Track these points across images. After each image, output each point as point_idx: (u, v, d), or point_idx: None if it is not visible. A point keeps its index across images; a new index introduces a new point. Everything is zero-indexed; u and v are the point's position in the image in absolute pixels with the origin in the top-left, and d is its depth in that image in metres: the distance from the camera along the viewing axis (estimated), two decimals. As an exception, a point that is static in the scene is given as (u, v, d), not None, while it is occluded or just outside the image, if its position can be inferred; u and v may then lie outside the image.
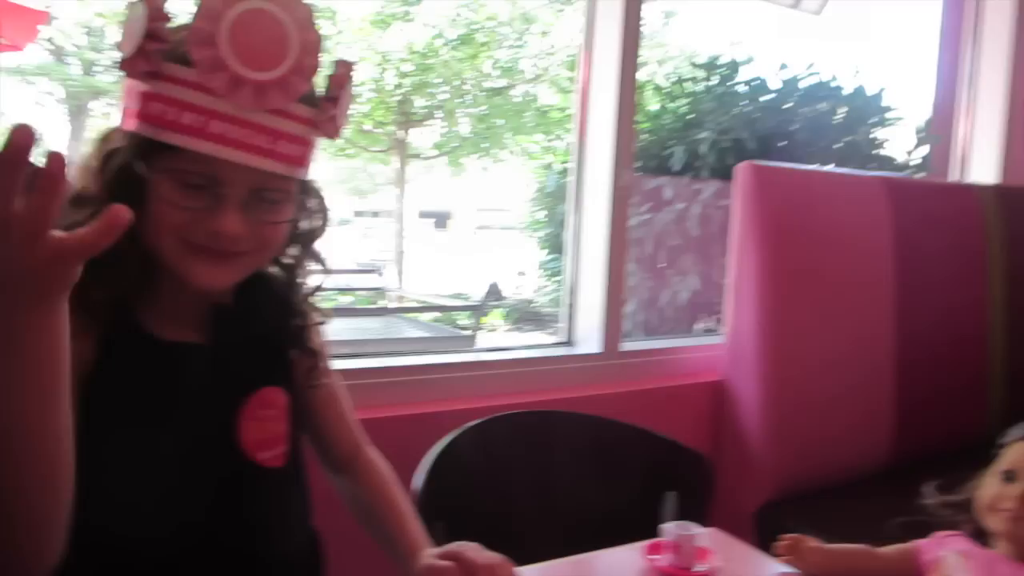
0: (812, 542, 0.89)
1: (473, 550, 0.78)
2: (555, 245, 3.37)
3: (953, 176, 2.75)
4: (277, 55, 0.62)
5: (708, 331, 2.73)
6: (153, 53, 0.61)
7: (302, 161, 0.71)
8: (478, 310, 3.32)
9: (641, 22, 1.74)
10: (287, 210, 0.73)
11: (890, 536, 0.93)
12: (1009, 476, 0.85)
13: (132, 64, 0.62)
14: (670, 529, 0.86)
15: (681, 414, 1.70)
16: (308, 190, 0.79)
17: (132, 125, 0.65)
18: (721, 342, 1.79)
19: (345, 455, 0.93)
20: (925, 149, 2.97)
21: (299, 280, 0.82)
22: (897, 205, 1.90)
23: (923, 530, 0.92)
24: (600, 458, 1.22)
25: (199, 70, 0.61)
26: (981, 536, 0.87)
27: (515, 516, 0.89)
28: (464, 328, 3.61)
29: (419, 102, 5.81)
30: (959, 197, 2.21)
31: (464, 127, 5.90)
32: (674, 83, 3.14)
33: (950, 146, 2.78)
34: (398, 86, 5.46)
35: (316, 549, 0.88)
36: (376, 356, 1.43)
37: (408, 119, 5.81)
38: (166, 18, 0.62)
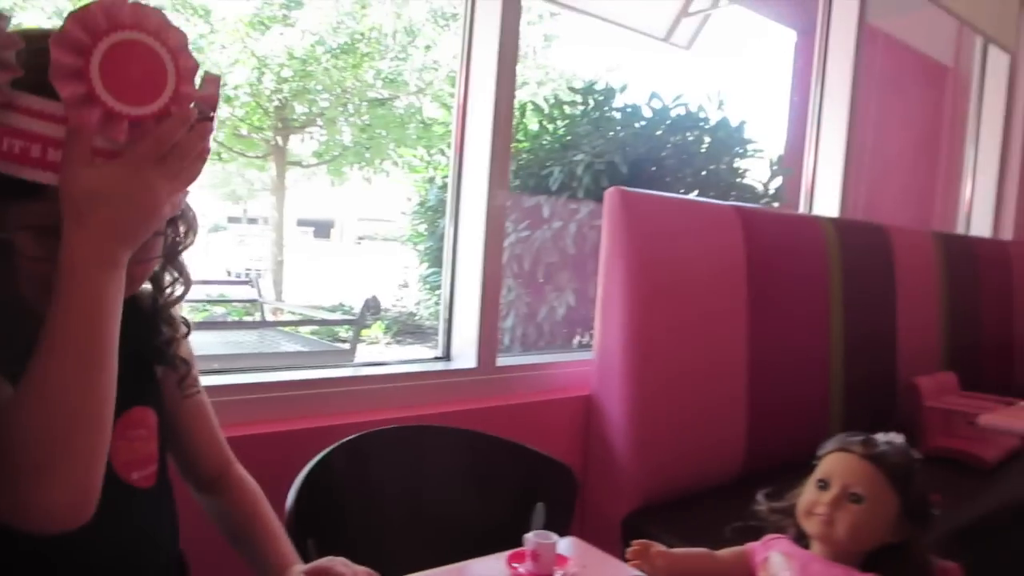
0: (658, 547, 0.97)
1: (342, 564, 0.80)
2: (436, 259, 3.39)
3: (803, 207, 3.00)
4: (155, 88, 0.60)
5: (584, 346, 2.84)
6: (3, 84, 0.57)
7: None
8: (357, 324, 3.29)
9: (521, 43, 1.80)
10: (158, 244, 0.72)
11: (731, 540, 1.03)
12: (823, 484, 0.96)
13: None
14: (530, 538, 0.91)
15: (553, 427, 1.77)
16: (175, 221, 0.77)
17: None
18: (590, 358, 1.88)
19: (213, 472, 0.92)
20: (779, 180, 3.24)
21: (165, 292, 0.81)
22: (749, 232, 2.07)
23: (756, 534, 1.02)
24: (473, 472, 1.26)
25: (67, 105, 0.57)
26: (802, 538, 0.98)
27: (388, 532, 0.91)
28: (344, 341, 3.57)
29: (299, 109, 5.68)
30: (804, 227, 2.42)
31: (346, 136, 5.83)
32: (553, 105, 3.24)
33: (800, 179, 3.04)
34: (276, 91, 5.33)
35: (182, 570, 0.87)
36: (250, 371, 1.41)
37: (287, 125, 5.68)
38: (15, 43, 0.57)
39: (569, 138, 3.15)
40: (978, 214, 3.97)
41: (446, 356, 1.78)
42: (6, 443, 0.57)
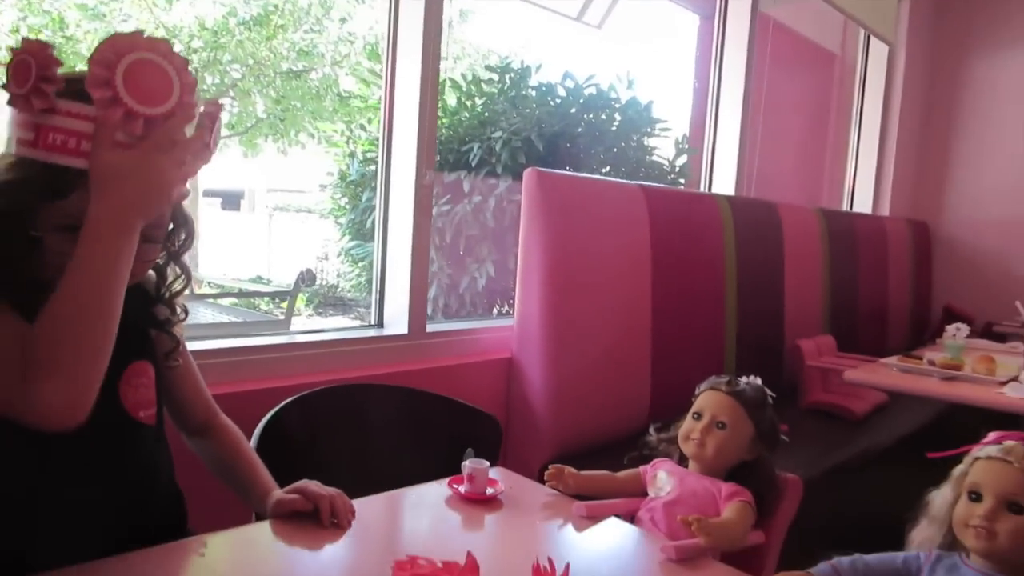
0: (570, 470, 1.17)
1: (315, 485, 0.97)
2: (358, 232, 3.46)
3: (703, 184, 3.24)
4: (164, 95, 0.75)
5: (504, 315, 3.00)
6: (49, 92, 0.72)
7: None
8: (291, 295, 3.35)
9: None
10: (155, 251, 0.88)
11: (628, 466, 1.25)
12: (697, 416, 1.19)
13: (26, 101, 0.73)
14: (467, 464, 1.08)
15: (479, 387, 1.94)
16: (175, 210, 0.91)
17: (26, 151, 0.75)
18: (512, 324, 2.05)
19: (200, 420, 1.07)
20: (684, 159, 3.45)
21: (168, 284, 0.96)
22: (653, 209, 2.27)
23: (648, 460, 1.24)
24: (409, 424, 1.41)
25: (97, 105, 0.73)
26: (683, 460, 1.22)
27: (336, 478, 1.04)
28: (265, 313, 3.62)
29: (210, 80, 5.55)
30: (703, 204, 2.66)
31: (259, 108, 5.74)
32: (471, 82, 3.34)
33: (702, 158, 3.27)
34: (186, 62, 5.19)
35: (180, 503, 1.01)
36: (194, 340, 1.50)
37: (198, 97, 5.53)
38: (58, 63, 0.73)
39: (487, 115, 3.26)
40: (860, 192, 4.34)
41: (379, 323, 1.91)
42: (28, 344, 0.72)
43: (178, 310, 0.98)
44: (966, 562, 0.90)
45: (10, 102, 0.74)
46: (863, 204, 4.30)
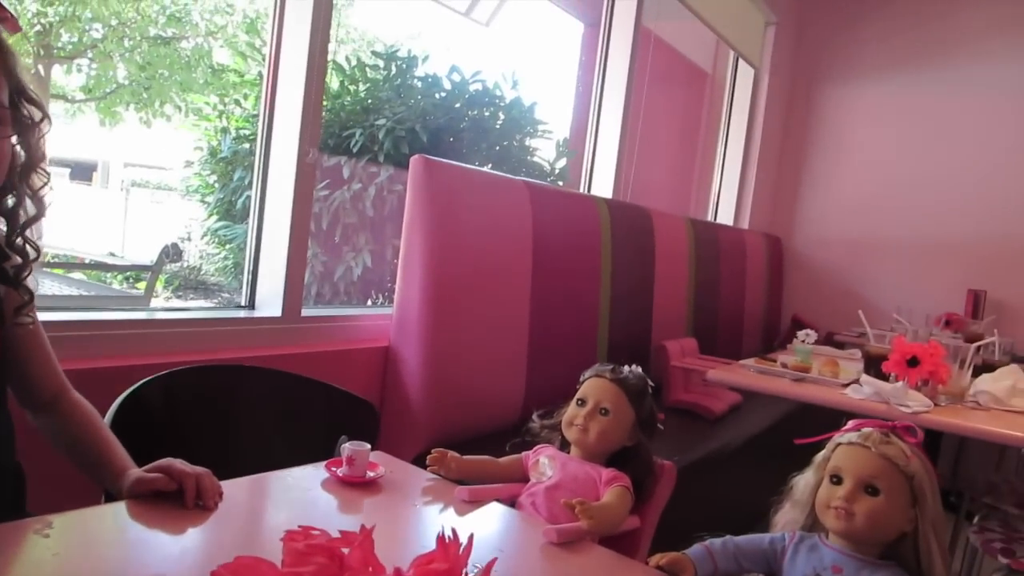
0: (453, 454, 1.17)
1: (180, 463, 0.88)
2: (226, 212, 3.27)
3: (583, 186, 3.32)
4: None
5: (379, 306, 2.94)
6: None
7: None
8: (154, 270, 3.12)
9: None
10: (5, 127, 0.78)
11: (509, 453, 1.24)
12: (581, 402, 1.21)
13: None
14: (346, 447, 1.04)
15: (354, 375, 1.88)
16: (25, 125, 0.81)
17: None
18: (390, 312, 2.00)
19: (50, 395, 0.96)
20: (564, 161, 3.53)
21: (17, 216, 0.84)
22: (536, 206, 2.30)
23: (530, 446, 1.25)
24: (281, 408, 1.34)
25: None
26: (565, 446, 1.23)
27: (199, 463, 0.98)
28: (121, 290, 3.35)
29: (66, 37, 5.09)
30: (583, 204, 2.72)
31: (121, 73, 5.32)
32: (355, 67, 3.25)
33: (582, 162, 3.35)
34: (40, 14, 4.74)
35: (19, 481, 0.89)
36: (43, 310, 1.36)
37: (49, 54, 5.06)
38: None
39: (371, 102, 3.19)
40: (723, 205, 4.60)
41: (250, 305, 1.81)
42: None
43: (27, 250, 0.87)
44: (825, 542, 0.96)
45: None
46: (726, 216, 4.55)
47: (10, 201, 0.84)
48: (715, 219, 4.56)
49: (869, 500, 0.91)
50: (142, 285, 3.40)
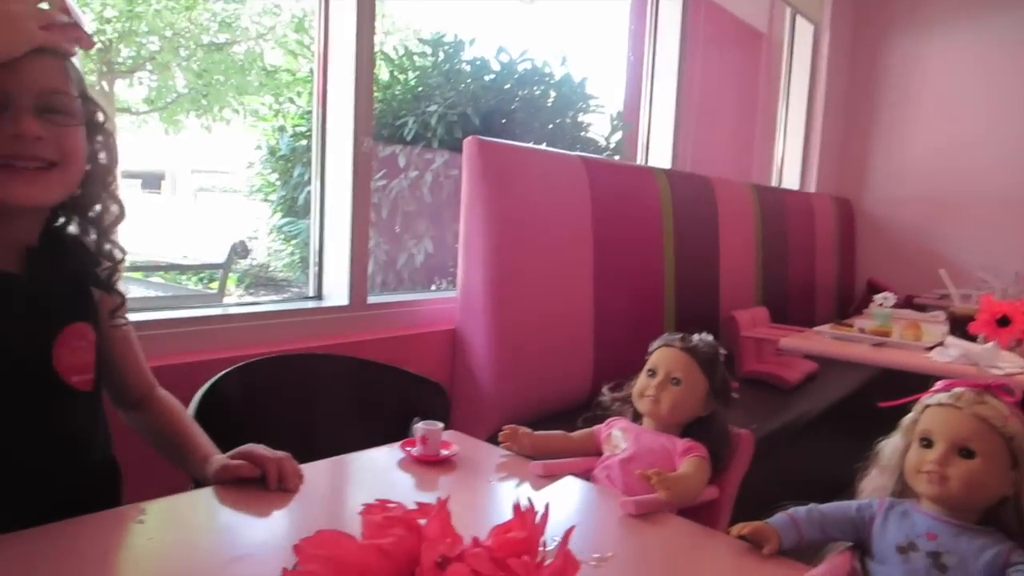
0: (525, 430, 1.16)
1: (262, 448, 0.92)
2: (289, 208, 3.34)
3: (640, 159, 3.27)
4: None
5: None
6: None
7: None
8: (224, 267, 3.22)
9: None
10: (77, 119, 0.82)
11: (582, 427, 1.24)
12: (651, 372, 1.19)
13: None
14: (419, 427, 1.05)
15: (422, 359, 1.90)
16: (95, 124, 0.86)
17: None
18: (454, 296, 2.01)
19: (140, 394, 1.01)
20: (619, 135, 3.47)
21: (104, 224, 0.90)
22: (594, 180, 2.27)
23: (601, 420, 1.23)
24: (355, 394, 1.36)
25: None
26: (637, 418, 1.21)
27: (279, 448, 1.00)
28: (196, 289, 3.48)
29: (125, 52, 5.27)
30: (641, 176, 2.68)
31: (180, 82, 5.47)
32: (403, 56, 3.27)
33: (637, 134, 3.29)
34: (98, 32, 4.91)
35: (116, 476, 0.95)
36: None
37: (112, 70, 5.25)
38: None
39: (421, 89, 3.19)
40: (788, 169, 4.46)
41: (318, 296, 1.84)
42: None
43: (115, 252, 0.92)
44: (918, 508, 0.91)
45: None
46: (791, 180, 4.42)
47: (97, 208, 0.89)
48: (780, 184, 4.43)
49: (964, 463, 0.86)
50: (215, 285, 3.50)
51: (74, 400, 0.85)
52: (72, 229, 0.90)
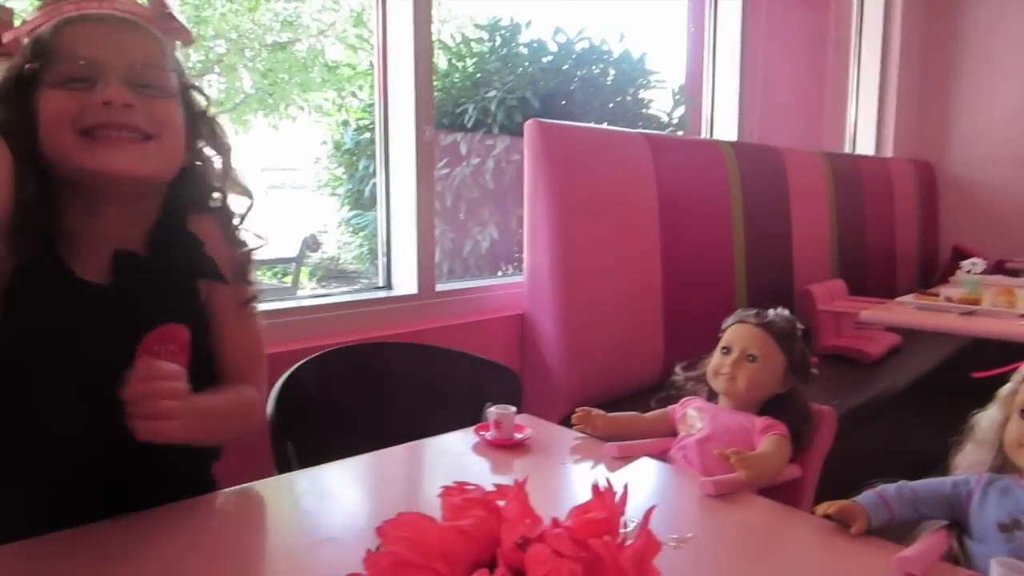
0: (598, 412, 1.15)
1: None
2: (356, 201, 3.41)
3: (705, 132, 3.19)
4: None
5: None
6: None
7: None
8: (297, 261, 3.32)
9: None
10: (171, 93, 0.83)
11: (655, 408, 1.22)
12: (726, 350, 1.16)
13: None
14: (493, 411, 1.05)
15: (492, 344, 1.91)
16: (199, 112, 0.88)
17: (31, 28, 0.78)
18: (521, 281, 2.01)
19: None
20: (681, 110, 3.40)
21: (234, 213, 0.90)
22: (657, 157, 2.22)
23: (676, 400, 1.21)
24: (427, 381, 1.38)
25: None
26: (713, 397, 1.18)
27: (356, 434, 1.02)
28: (270, 283, 3.60)
29: (194, 56, 5.44)
30: (707, 150, 2.61)
31: (247, 82, 5.63)
32: (460, 43, 3.27)
33: (701, 108, 3.21)
34: (171, 39, 5.09)
35: (212, 482, 0.93)
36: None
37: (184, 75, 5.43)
38: None
39: (479, 75, 3.19)
40: (862, 133, 4.28)
41: (387, 285, 1.87)
42: None
43: (244, 242, 0.91)
44: (1021, 484, 0.86)
45: None
46: (866, 146, 4.24)
47: (216, 196, 0.90)
48: (854, 150, 4.25)
49: (1071, 435, 0.81)
50: (288, 279, 3.60)
51: None
52: (198, 224, 0.88)
